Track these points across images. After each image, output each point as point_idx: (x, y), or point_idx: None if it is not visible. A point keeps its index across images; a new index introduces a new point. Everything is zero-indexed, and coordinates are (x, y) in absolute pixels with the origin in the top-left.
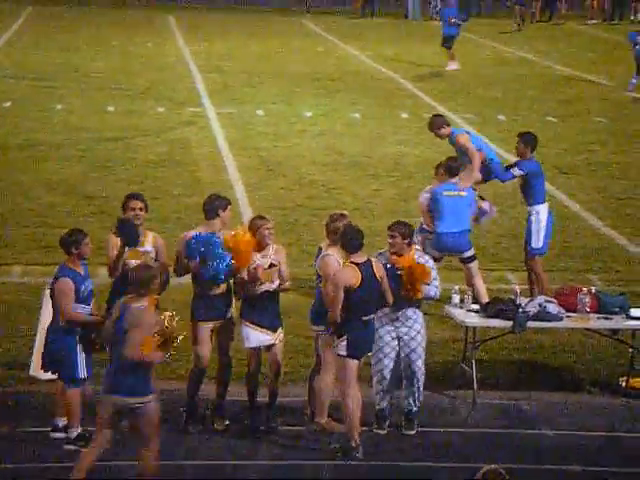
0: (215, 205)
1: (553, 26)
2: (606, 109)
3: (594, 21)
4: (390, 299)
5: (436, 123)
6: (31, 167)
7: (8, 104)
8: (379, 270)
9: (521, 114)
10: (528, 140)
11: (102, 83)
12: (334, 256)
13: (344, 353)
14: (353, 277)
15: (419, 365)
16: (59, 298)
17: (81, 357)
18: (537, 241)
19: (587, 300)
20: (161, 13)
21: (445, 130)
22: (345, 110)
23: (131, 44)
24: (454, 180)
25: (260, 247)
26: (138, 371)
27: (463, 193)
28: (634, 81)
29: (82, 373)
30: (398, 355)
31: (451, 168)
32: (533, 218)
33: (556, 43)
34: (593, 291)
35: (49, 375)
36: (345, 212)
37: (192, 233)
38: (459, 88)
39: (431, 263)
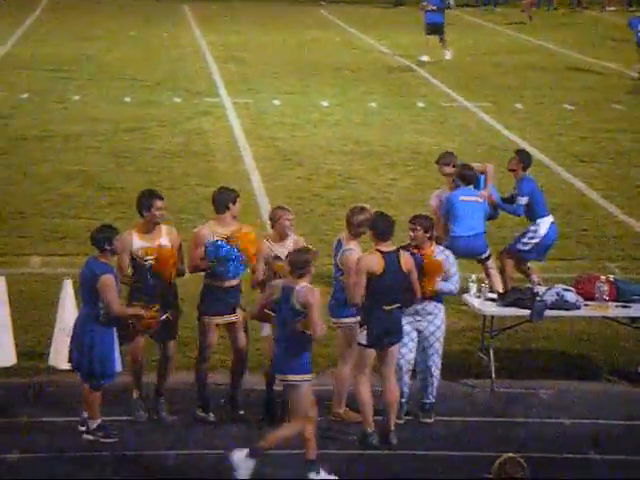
0: (224, 198)
1: (571, 13)
2: (624, 97)
3: (613, 8)
4: (418, 293)
5: (443, 158)
6: (48, 158)
7: (25, 95)
8: (407, 262)
9: (538, 102)
10: (523, 158)
11: (119, 74)
12: (356, 250)
13: (364, 342)
14: (377, 264)
15: (435, 360)
16: (107, 294)
17: (118, 350)
18: (523, 245)
19: (605, 288)
20: (176, 3)
21: (449, 169)
22: (361, 100)
23: (147, 34)
24: (470, 187)
25: (280, 238)
26: (306, 349)
27: (480, 199)
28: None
29: (119, 366)
30: (416, 347)
31: (465, 176)
32: (532, 228)
33: (573, 30)
34: (611, 279)
35: (69, 365)
36: (366, 205)
37: (204, 231)
38: (475, 76)
39: (452, 259)
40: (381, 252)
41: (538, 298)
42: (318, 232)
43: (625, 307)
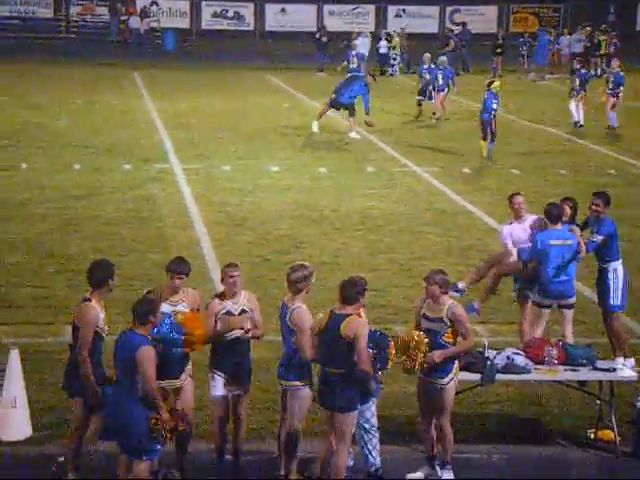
0: (180, 270)
1: (517, 80)
2: (569, 161)
3: (556, 75)
4: (362, 364)
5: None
6: None
7: None
8: (347, 328)
9: (486, 166)
10: (605, 199)
11: (67, 141)
12: (303, 307)
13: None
14: (318, 322)
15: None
16: (145, 367)
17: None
18: (615, 298)
19: (554, 352)
20: (125, 70)
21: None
22: (311, 164)
23: (95, 101)
24: (558, 227)
25: (230, 294)
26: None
27: (569, 242)
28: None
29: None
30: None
31: (551, 215)
32: (611, 275)
33: (516, 96)
34: (560, 343)
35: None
36: (305, 263)
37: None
38: (423, 142)
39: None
40: (331, 312)
41: (489, 362)
42: (269, 297)
43: (574, 371)
